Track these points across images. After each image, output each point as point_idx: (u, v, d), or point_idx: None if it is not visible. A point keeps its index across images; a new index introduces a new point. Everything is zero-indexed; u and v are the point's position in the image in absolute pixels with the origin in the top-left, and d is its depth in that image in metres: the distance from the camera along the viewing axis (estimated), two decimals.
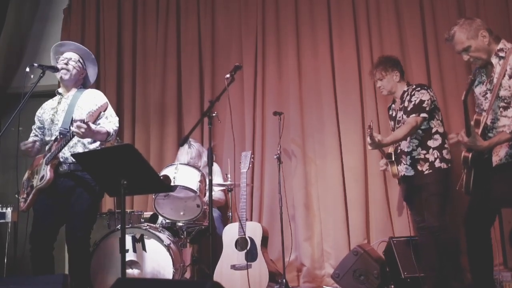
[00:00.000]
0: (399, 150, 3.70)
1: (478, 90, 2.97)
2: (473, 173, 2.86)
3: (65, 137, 3.28)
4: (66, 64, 3.50)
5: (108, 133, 3.37)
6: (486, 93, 2.89)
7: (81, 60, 3.58)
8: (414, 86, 3.65)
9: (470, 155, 2.83)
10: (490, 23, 4.50)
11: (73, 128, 3.13)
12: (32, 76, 3.36)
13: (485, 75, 2.93)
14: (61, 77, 3.53)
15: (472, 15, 4.58)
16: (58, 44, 3.68)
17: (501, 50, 2.83)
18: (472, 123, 2.82)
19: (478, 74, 2.97)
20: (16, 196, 3.48)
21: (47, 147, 3.47)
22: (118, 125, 3.51)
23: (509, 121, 2.74)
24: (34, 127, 3.64)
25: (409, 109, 3.55)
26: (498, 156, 2.78)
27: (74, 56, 3.56)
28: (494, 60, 2.84)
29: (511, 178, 2.75)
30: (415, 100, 3.53)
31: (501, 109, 2.79)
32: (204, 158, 4.56)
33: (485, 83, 2.92)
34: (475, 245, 2.91)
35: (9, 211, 4.58)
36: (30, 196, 3.39)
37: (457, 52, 2.97)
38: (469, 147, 2.80)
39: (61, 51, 3.60)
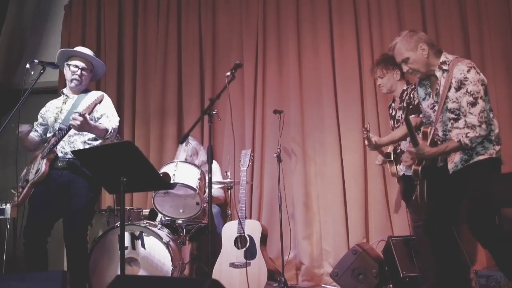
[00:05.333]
0: (398, 150, 3.70)
1: (426, 103, 3.02)
2: (425, 184, 2.90)
3: (62, 131, 3.29)
4: (80, 76, 3.51)
5: (106, 130, 3.37)
6: (434, 105, 2.94)
7: (91, 66, 3.59)
8: (413, 86, 3.65)
9: (419, 168, 2.87)
10: (492, 23, 4.52)
11: (70, 121, 3.14)
12: (32, 73, 3.36)
13: (430, 88, 2.98)
14: (71, 86, 3.54)
15: (473, 14, 4.59)
16: (69, 50, 3.68)
17: (444, 63, 2.87)
18: (419, 135, 2.89)
19: (423, 87, 3.03)
20: (12, 191, 3.48)
21: (46, 143, 3.47)
22: (117, 124, 3.51)
23: (460, 131, 2.79)
24: (36, 123, 3.65)
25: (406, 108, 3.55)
26: (454, 163, 2.85)
27: (86, 65, 3.55)
28: (438, 73, 2.88)
29: (472, 180, 2.79)
30: (414, 101, 3.53)
31: (451, 121, 2.85)
32: (201, 157, 4.56)
33: (431, 96, 2.97)
34: (441, 251, 2.94)
35: (8, 207, 4.57)
36: (25, 190, 3.40)
37: (398, 63, 3.02)
38: (418, 155, 2.85)
39: (70, 54, 3.58)
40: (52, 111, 3.55)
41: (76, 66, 3.51)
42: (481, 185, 2.77)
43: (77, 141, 3.43)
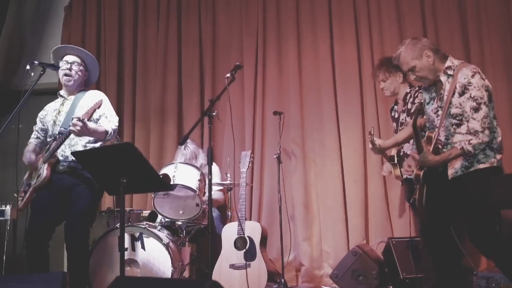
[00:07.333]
0: (402, 153, 3.70)
1: (429, 107, 3.02)
2: (425, 189, 2.90)
3: (63, 135, 3.28)
4: (70, 69, 3.49)
5: (106, 132, 3.36)
6: (438, 110, 2.93)
7: (83, 63, 3.57)
8: (417, 88, 3.65)
9: (421, 173, 2.87)
10: (491, 23, 4.53)
11: (70, 127, 3.14)
12: (32, 74, 3.36)
13: (435, 92, 2.97)
14: (64, 83, 3.52)
15: (472, 15, 4.60)
16: (58, 47, 3.68)
17: (449, 68, 2.87)
18: (424, 140, 2.89)
19: (428, 91, 3.02)
20: (15, 195, 3.48)
21: (46, 147, 3.47)
22: (117, 124, 3.50)
23: (462, 137, 2.78)
24: (35, 128, 3.64)
25: (412, 111, 3.55)
26: (454, 169, 2.84)
27: (76, 59, 3.54)
28: (443, 78, 2.88)
29: (470, 187, 2.79)
30: (418, 102, 3.53)
31: (454, 126, 2.84)
32: (200, 160, 4.56)
33: (435, 100, 2.96)
34: (438, 255, 2.96)
35: (8, 208, 4.58)
36: (27, 195, 3.40)
37: (404, 72, 3.03)
38: (421, 163, 2.85)
39: (62, 54, 3.58)
40: (51, 114, 3.55)
41: (66, 62, 3.50)
42: (481, 195, 2.75)
43: (78, 144, 3.42)
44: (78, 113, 3.35)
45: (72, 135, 3.28)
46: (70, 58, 3.53)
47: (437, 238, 2.94)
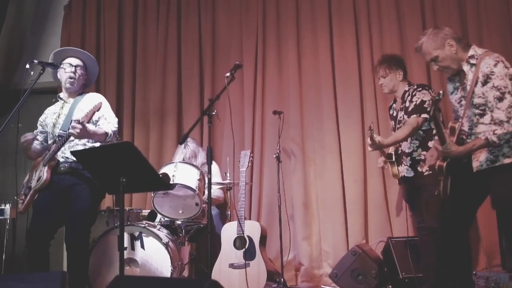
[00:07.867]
0: (399, 151, 3.70)
1: (453, 97, 2.98)
2: (449, 180, 2.86)
3: (62, 138, 3.29)
4: (74, 73, 3.49)
5: (106, 134, 3.36)
6: (461, 100, 2.89)
7: (84, 66, 3.58)
8: (415, 86, 3.65)
9: (444, 164, 2.82)
10: (492, 23, 4.53)
11: (70, 130, 3.14)
12: (32, 73, 3.36)
13: (459, 82, 2.93)
14: (66, 86, 3.52)
15: (473, 15, 4.60)
16: (61, 49, 3.68)
17: (472, 57, 2.82)
18: (447, 130, 2.84)
19: (452, 81, 2.99)
20: (16, 198, 3.48)
21: (47, 150, 3.48)
22: (117, 126, 3.50)
23: (486, 127, 2.74)
24: (36, 131, 3.64)
25: (410, 109, 3.55)
26: (479, 162, 2.78)
27: (80, 63, 3.55)
28: (465, 67, 2.83)
29: (500, 185, 2.74)
30: (416, 101, 3.53)
31: (477, 116, 2.79)
32: (200, 159, 4.56)
33: (459, 90, 2.92)
34: (454, 248, 2.91)
35: (7, 207, 4.57)
36: (28, 198, 3.40)
37: (426, 62, 2.97)
38: (445, 154, 2.80)
39: (64, 56, 3.58)
40: (51, 117, 3.55)
41: (70, 65, 3.51)
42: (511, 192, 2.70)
43: (78, 145, 3.42)
44: (77, 116, 3.35)
45: (71, 137, 3.28)
46: (74, 61, 3.54)
47: (460, 230, 2.89)
